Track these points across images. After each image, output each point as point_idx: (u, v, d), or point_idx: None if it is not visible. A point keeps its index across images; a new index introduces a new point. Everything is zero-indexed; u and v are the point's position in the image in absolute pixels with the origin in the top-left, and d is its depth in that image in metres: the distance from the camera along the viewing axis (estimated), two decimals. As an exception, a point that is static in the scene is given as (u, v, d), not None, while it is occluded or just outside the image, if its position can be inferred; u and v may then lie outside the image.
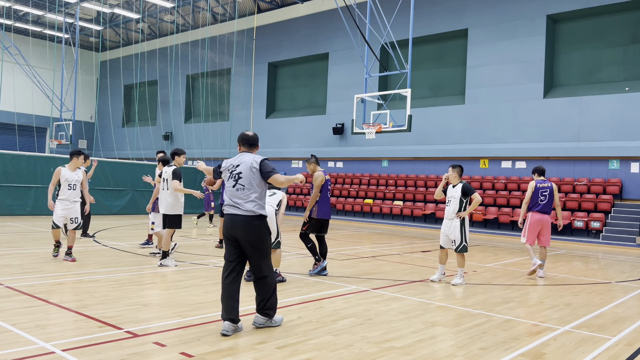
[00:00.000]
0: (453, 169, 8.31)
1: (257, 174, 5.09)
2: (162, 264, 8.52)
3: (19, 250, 9.55)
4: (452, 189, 8.29)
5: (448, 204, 8.28)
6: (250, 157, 5.20)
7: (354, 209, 22.48)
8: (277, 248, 7.49)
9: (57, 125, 30.06)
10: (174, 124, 32.97)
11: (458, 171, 8.28)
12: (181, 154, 9.01)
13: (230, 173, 5.21)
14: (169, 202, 8.71)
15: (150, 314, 5.51)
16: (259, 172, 5.10)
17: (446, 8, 22.03)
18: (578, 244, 16.41)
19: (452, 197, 8.21)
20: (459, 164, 8.43)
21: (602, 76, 18.97)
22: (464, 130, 21.04)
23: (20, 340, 4.46)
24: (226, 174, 5.26)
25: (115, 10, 30.72)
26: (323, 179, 8.41)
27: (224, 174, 5.31)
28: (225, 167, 5.31)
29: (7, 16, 32.54)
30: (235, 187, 5.10)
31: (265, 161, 5.17)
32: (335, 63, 25.56)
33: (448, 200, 8.29)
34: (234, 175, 5.14)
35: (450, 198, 8.25)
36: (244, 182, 5.07)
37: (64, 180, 8.75)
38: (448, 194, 8.35)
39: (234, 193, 5.08)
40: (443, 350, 4.79)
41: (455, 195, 8.18)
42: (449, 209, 8.23)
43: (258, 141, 5.54)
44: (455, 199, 8.15)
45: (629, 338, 5.46)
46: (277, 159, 27.58)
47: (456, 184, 8.26)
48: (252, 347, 4.58)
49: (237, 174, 5.13)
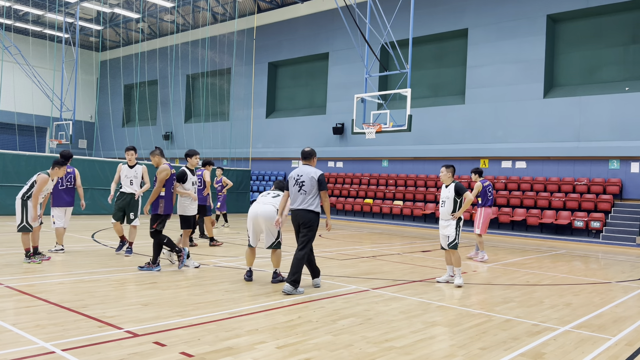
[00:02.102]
0: (447, 169, 8.21)
1: (315, 184, 6.95)
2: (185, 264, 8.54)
3: (19, 250, 9.55)
4: (445, 189, 8.20)
5: (442, 204, 8.20)
6: (312, 170, 7.04)
7: (354, 209, 22.49)
8: (278, 248, 7.50)
9: (57, 125, 30.07)
10: (174, 123, 32.97)
11: (451, 171, 8.21)
12: (193, 155, 8.91)
13: (295, 181, 7.03)
14: (181, 203, 8.72)
15: (150, 314, 5.51)
16: (317, 183, 6.96)
17: (446, 8, 22.03)
18: (578, 244, 16.40)
19: (446, 197, 8.12)
20: (451, 164, 8.36)
21: (602, 76, 18.97)
22: (464, 130, 21.04)
23: (20, 340, 4.46)
24: (291, 182, 7.07)
25: (115, 10, 30.73)
26: (168, 173, 8.21)
27: (289, 182, 7.11)
28: (291, 176, 7.12)
29: (7, 16, 32.54)
30: (299, 191, 6.96)
31: (323, 176, 7.05)
32: (335, 63, 25.56)
33: (442, 201, 8.21)
34: (299, 183, 6.98)
35: (444, 199, 8.17)
36: (306, 189, 6.94)
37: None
38: (442, 194, 8.25)
39: (297, 195, 6.97)
40: (443, 350, 4.79)
41: (449, 195, 8.09)
42: (444, 210, 8.16)
43: (314, 155, 7.26)
44: (449, 199, 8.07)
45: (629, 338, 5.46)
46: (277, 159, 27.59)
47: (449, 184, 8.18)
48: (252, 347, 4.58)
49: (301, 182, 6.96)
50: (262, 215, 7.34)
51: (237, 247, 11.85)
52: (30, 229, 8.33)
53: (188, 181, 8.72)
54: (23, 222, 8.27)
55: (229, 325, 5.21)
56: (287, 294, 6.75)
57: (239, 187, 24.59)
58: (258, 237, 7.59)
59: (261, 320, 5.49)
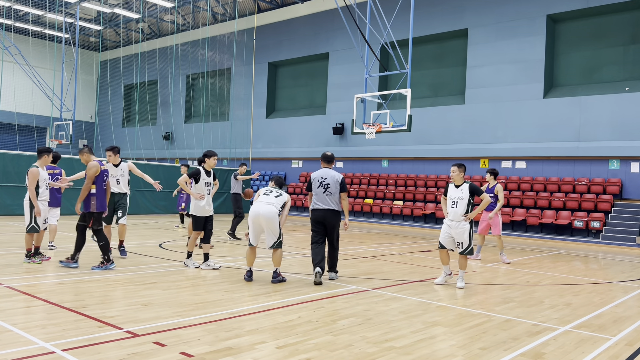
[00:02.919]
0: (459, 168, 7.81)
1: (339, 186, 7.79)
2: (185, 263, 8.62)
3: (19, 250, 9.55)
4: (456, 189, 7.78)
5: (454, 205, 7.75)
6: (335, 173, 7.85)
7: (354, 209, 22.49)
8: (279, 248, 7.50)
9: (57, 125, 30.06)
10: (174, 123, 32.97)
11: (463, 170, 7.84)
12: (211, 156, 8.75)
13: (320, 183, 7.81)
14: (196, 204, 8.63)
15: (150, 314, 5.51)
16: (339, 185, 7.79)
17: (446, 8, 22.03)
18: (578, 244, 16.40)
19: (460, 198, 7.70)
20: (462, 163, 8.00)
21: (602, 76, 18.97)
22: (464, 130, 21.04)
23: (20, 340, 4.46)
24: (316, 184, 7.84)
25: (115, 10, 30.73)
26: (98, 170, 8.04)
27: (314, 184, 7.86)
28: (314, 178, 7.87)
29: (7, 16, 32.54)
30: (325, 193, 7.77)
31: (344, 179, 7.90)
32: (335, 63, 25.55)
33: (454, 202, 7.76)
34: (324, 185, 7.78)
35: (456, 199, 7.73)
36: (331, 190, 7.77)
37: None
38: (452, 194, 7.80)
39: (323, 197, 7.78)
40: (443, 350, 4.79)
41: (462, 196, 7.68)
42: (456, 211, 7.72)
43: (334, 159, 8.20)
44: (464, 200, 7.66)
45: (629, 338, 5.46)
46: (277, 159, 27.59)
47: (460, 184, 7.79)
48: (252, 347, 4.58)
49: (326, 184, 7.77)
50: (264, 215, 7.34)
51: (237, 247, 11.85)
52: (37, 230, 8.35)
53: (201, 181, 8.55)
54: (31, 222, 8.31)
55: (229, 325, 5.21)
56: (333, 280, 7.94)
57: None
58: (259, 236, 7.59)
59: (261, 320, 5.48)
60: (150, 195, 20.49)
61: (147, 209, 20.52)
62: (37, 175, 8.24)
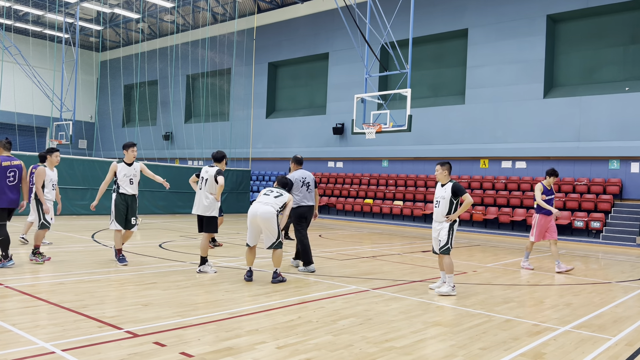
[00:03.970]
0: (442, 166, 7.48)
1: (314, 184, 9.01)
2: (201, 270, 8.09)
3: (19, 250, 9.56)
4: (441, 188, 7.45)
5: (437, 205, 7.47)
6: (309, 173, 9.05)
7: (354, 209, 22.49)
8: (279, 248, 7.50)
9: (57, 125, 30.05)
10: (174, 124, 32.97)
11: (447, 169, 7.47)
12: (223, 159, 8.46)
13: (302, 182, 8.81)
14: (205, 204, 8.16)
15: (150, 314, 5.51)
16: (314, 183, 9.01)
17: (446, 8, 22.03)
18: (578, 244, 16.40)
19: (442, 197, 7.38)
20: (447, 162, 7.65)
21: (602, 76, 18.97)
22: (464, 130, 21.04)
23: (20, 340, 4.46)
24: (298, 184, 8.77)
25: (115, 10, 30.72)
26: None
27: (296, 184, 8.74)
28: (296, 179, 8.77)
29: (7, 16, 32.54)
30: (307, 190, 8.87)
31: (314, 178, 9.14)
32: (335, 63, 25.56)
33: (436, 201, 7.48)
34: (306, 184, 8.85)
35: (439, 199, 7.43)
36: (312, 188, 8.93)
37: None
38: (436, 194, 7.51)
39: (307, 194, 8.84)
40: (443, 350, 4.79)
41: (444, 195, 7.35)
42: (438, 211, 7.44)
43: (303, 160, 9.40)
44: (445, 199, 7.33)
45: (629, 338, 5.46)
46: (277, 159, 27.59)
47: (445, 183, 7.46)
48: (252, 347, 4.58)
49: (307, 183, 8.87)
50: (261, 215, 7.34)
51: (237, 247, 11.85)
52: (48, 225, 8.61)
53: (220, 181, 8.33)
54: (41, 219, 8.56)
55: (229, 325, 5.21)
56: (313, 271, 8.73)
57: (239, 187, 24.61)
58: (257, 236, 7.58)
59: (261, 320, 5.48)
60: (149, 195, 20.48)
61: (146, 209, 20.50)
62: (43, 175, 8.69)
